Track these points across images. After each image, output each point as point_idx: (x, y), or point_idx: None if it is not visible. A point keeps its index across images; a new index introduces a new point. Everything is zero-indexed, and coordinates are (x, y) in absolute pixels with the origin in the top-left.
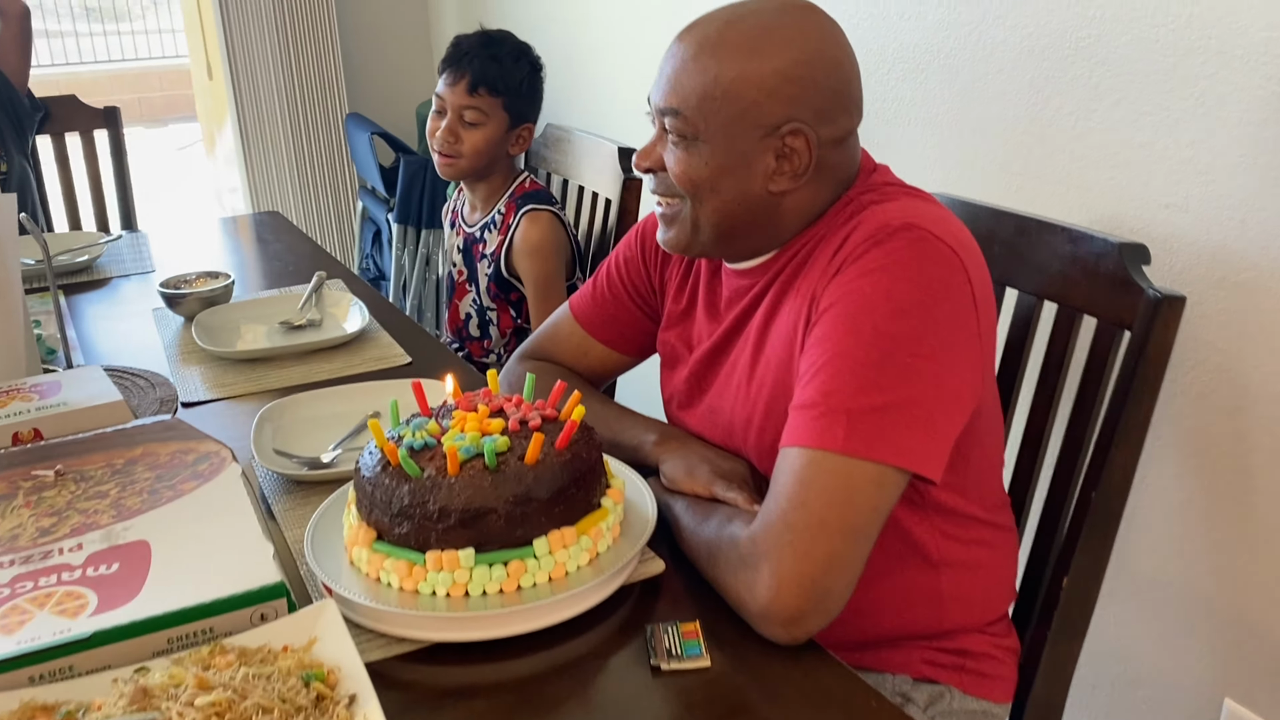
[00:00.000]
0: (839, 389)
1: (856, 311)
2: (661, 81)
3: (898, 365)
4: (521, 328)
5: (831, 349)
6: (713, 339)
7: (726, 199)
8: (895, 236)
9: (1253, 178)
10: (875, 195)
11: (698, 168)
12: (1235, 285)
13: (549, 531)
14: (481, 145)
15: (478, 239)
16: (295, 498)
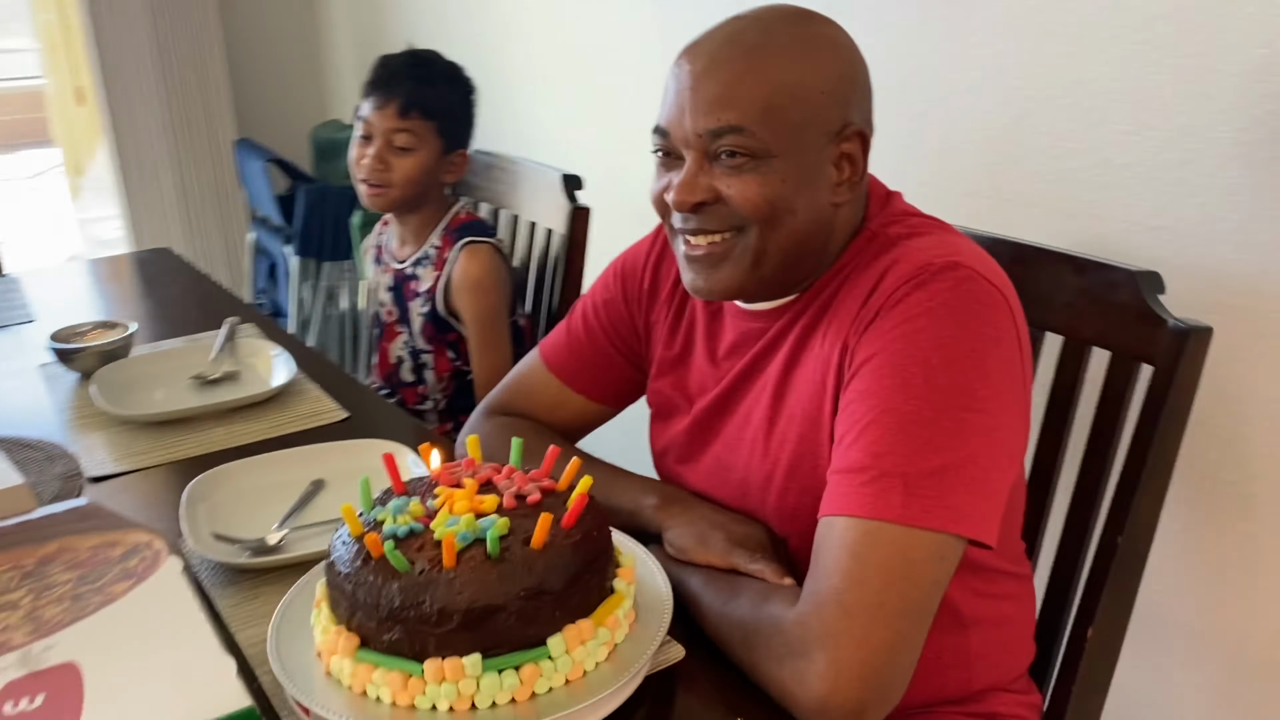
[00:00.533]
0: (890, 450)
1: (904, 362)
2: (698, 102)
3: (952, 421)
4: (460, 370)
5: (878, 405)
6: (720, 387)
7: (803, 219)
8: (939, 277)
9: (1246, 198)
10: (902, 228)
11: (774, 188)
12: (1231, 309)
13: (564, 627)
14: (414, 173)
15: (410, 276)
16: (241, 590)
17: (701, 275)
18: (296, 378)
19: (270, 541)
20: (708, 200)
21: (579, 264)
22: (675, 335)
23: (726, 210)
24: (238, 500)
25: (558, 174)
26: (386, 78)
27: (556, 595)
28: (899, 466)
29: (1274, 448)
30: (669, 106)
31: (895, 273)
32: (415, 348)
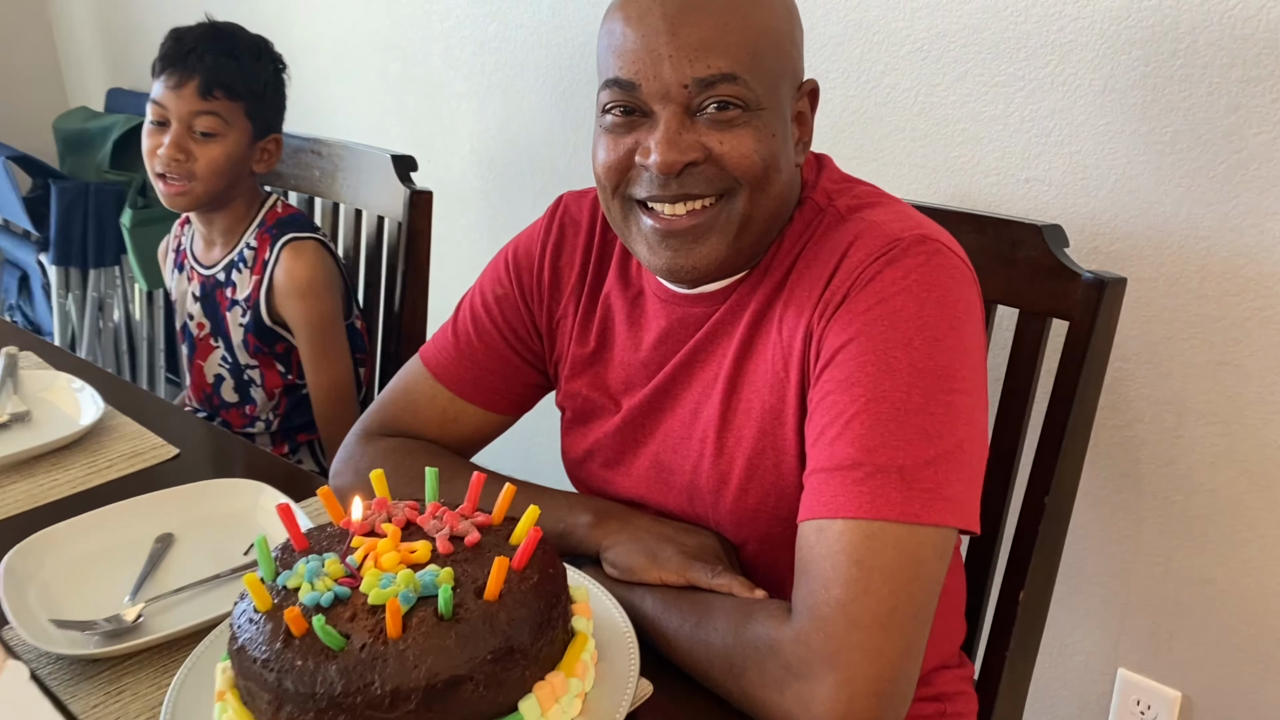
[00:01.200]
0: (883, 442)
1: (886, 346)
2: (681, 47)
3: (940, 406)
4: (294, 385)
5: (863, 393)
6: (656, 382)
7: (784, 181)
8: (910, 252)
9: (1120, 145)
10: (850, 199)
11: (767, 144)
12: (1107, 256)
13: (534, 685)
14: (221, 163)
15: (221, 282)
16: (100, 685)
17: (683, 251)
18: (106, 412)
19: (128, 619)
20: (697, 160)
21: (424, 255)
22: (588, 330)
23: (715, 171)
24: (70, 572)
25: (386, 155)
26: (182, 53)
27: (526, 651)
28: (894, 459)
29: (1154, 388)
30: (634, 54)
31: (860, 249)
32: (236, 363)
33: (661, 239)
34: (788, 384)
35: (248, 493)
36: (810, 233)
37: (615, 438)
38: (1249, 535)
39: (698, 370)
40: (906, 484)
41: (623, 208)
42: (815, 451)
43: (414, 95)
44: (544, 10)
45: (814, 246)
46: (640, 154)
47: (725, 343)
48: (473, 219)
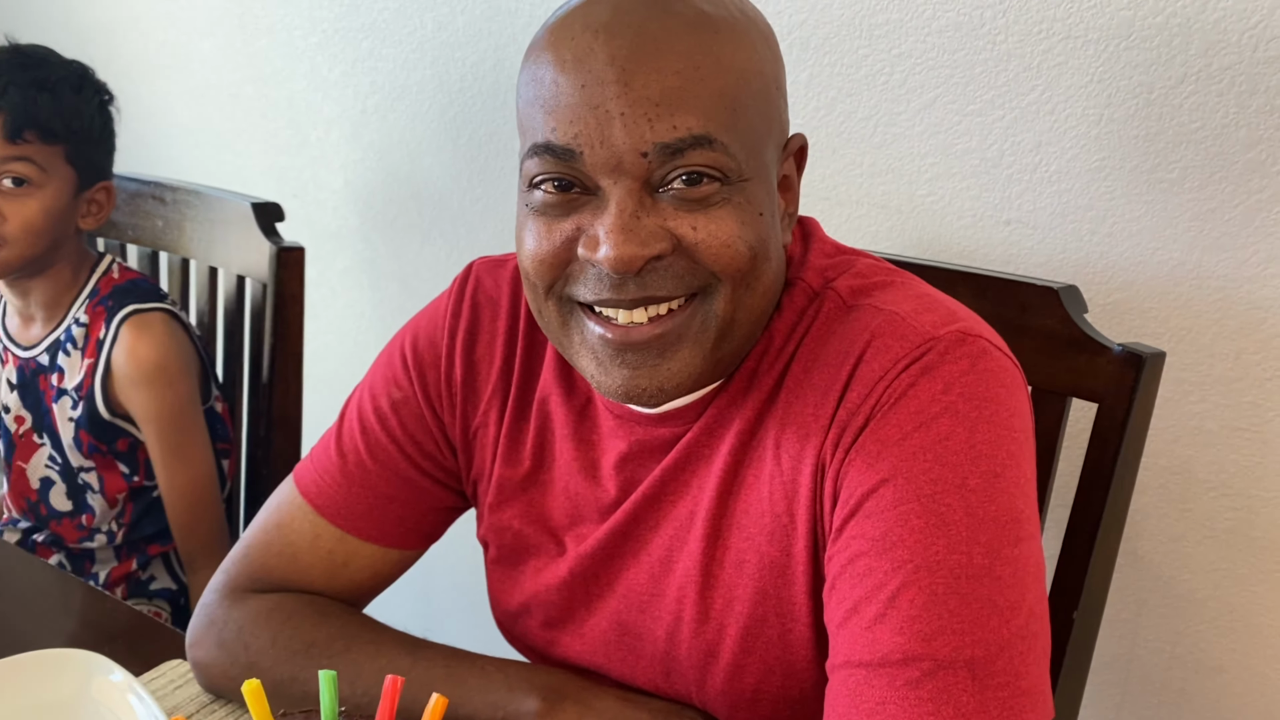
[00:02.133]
0: (944, 627)
1: (935, 490)
2: (637, 100)
3: (1009, 565)
4: (140, 488)
5: (910, 558)
6: (614, 521)
7: (775, 267)
8: (950, 356)
9: (1119, 183)
10: (853, 279)
11: (753, 226)
12: (1103, 310)
13: None
14: (38, 221)
15: (44, 367)
16: None
17: (644, 370)
18: None
19: None
20: (663, 252)
21: (296, 322)
22: (519, 445)
23: (686, 264)
24: None
25: (246, 203)
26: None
27: None
28: (961, 650)
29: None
30: (571, 111)
31: (882, 351)
32: (67, 465)
33: (616, 353)
34: (794, 532)
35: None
36: (805, 325)
37: (561, 590)
38: (1264, 620)
39: (667, 507)
40: (979, 683)
41: (560, 312)
42: (846, 634)
43: (275, 122)
44: (427, 25)
45: (814, 344)
46: (585, 245)
47: (703, 472)
48: (348, 262)
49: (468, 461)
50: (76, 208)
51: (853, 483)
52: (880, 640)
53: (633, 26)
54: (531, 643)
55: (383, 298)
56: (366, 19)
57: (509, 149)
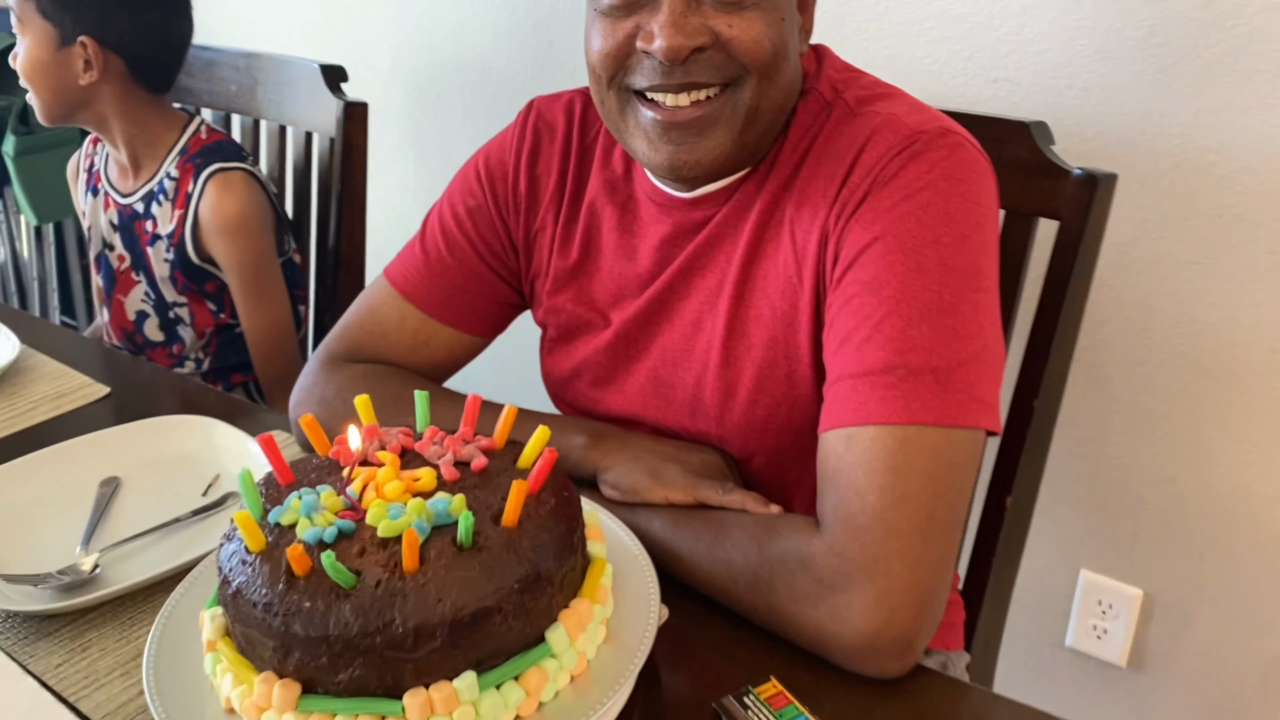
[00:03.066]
0: (916, 344)
1: (915, 244)
2: None
3: (970, 304)
4: (225, 324)
5: (893, 294)
6: (650, 292)
7: (792, 68)
8: (934, 146)
9: (1092, 42)
10: (859, 90)
11: (777, 28)
12: (1078, 156)
13: (560, 614)
14: (27, 70)
15: (140, 214)
16: (62, 642)
17: (685, 145)
18: (22, 351)
19: (84, 569)
20: (705, 44)
21: (360, 173)
22: (570, 241)
23: (722, 57)
24: (11, 522)
25: (314, 66)
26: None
27: (552, 578)
28: (929, 361)
29: (1126, 291)
30: None
31: (879, 143)
32: (162, 299)
33: (663, 132)
34: (801, 289)
35: (198, 430)
36: (818, 126)
37: (606, 354)
38: (1212, 433)
39: (697, 278)
40: (941, 386)
41: (619, 100)
42: (840, 357)
43: (325, 4)
44: None
45: (825, 141)
46: (642, 39)
47: (729, 247)
48: (395, 138)
49: (528, 261)
50: (67, 62)
51: (850, 243)
52: (866, 356)
53: None
54: (580, 403)
55: (428, 170)
56: None
57: (542, 30)
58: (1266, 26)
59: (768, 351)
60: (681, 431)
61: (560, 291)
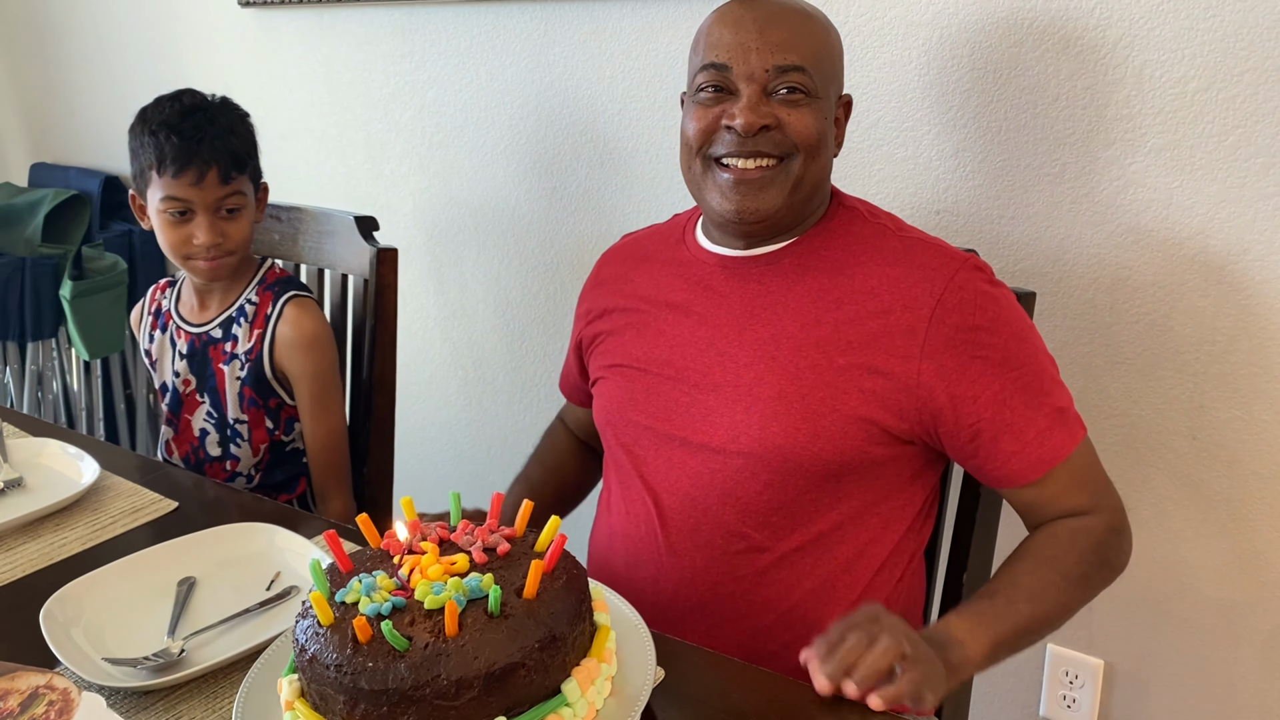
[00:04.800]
0: (1046, 400)
1: (1018, 333)
2: (767, 43)
3: (1048, 359)
4: (279, 441)
5: (1019, 371)
6: (716, 326)
7: (826, 158)
8: (974, 265)
9: (1016, 177)
10: (888, 220)
11: (820, 123)
12: (1014, 275)
13: (573, 670)
14: (249, 232)
15: (217, 339)
16: (155, 715)
17: (750, 196)
18: (101, 475)
19: (173, 652)
20: (770, 124)
21: (391, 308)
22: (614, 310)
23: (780, 137)
24: (108, 616)
25: (349, 217)
26: (190, 148)
27: (565, 639)
28: (1056, 404)
29: None
30: (729, 46)
31: (945, 264)
32: (223, 418)
33: (734, 186)
34: (832, 341)
35: (261, 535)
36: (855, 229)
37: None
38: (1150, 513)
39: (749, 333)
40: (1066, 417)
41: (703, 165)
42: (1007, 423)
43: (354, 158)
44: (481, 75)
45: (867, 245)
46: (726, 118)
47: (770, 293)
48: (416, 273)
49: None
50: (255, 213)
51: (960, 351)
52: (1029, 419)
53: (767, 5)
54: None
55: (445, 300)
56: (432, 72)
57: (547, 176)
58: (1156, 164)
59: (795, 364)
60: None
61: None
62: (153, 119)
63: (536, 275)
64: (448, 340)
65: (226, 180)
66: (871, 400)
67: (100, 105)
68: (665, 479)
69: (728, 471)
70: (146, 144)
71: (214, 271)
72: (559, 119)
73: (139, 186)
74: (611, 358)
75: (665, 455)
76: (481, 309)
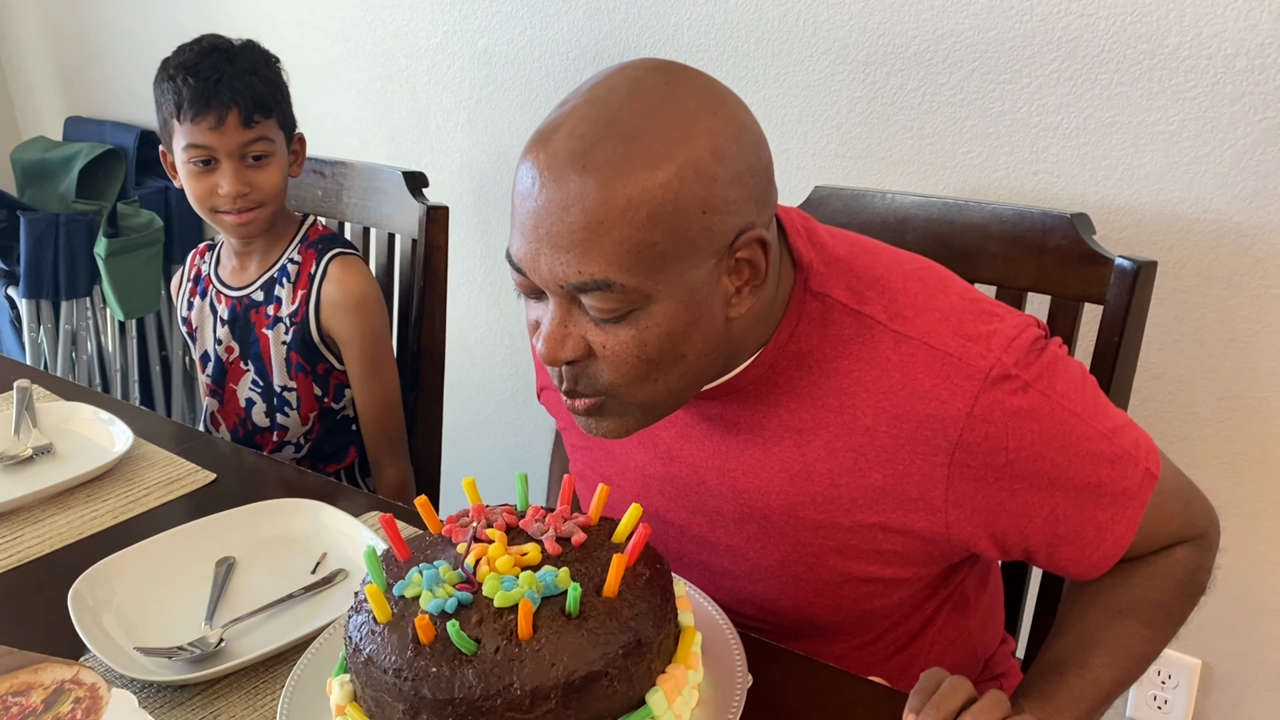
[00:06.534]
0: (1104, 491)
1: (1063, 437)
2: (553, 242)
3: (1114, 422)
4: (329, 409)
5: (1068, 482)
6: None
7: (695, 352)
8: (999, 374)
9: (1127, 136)
10: (880, 300)
11: (657, 339)
12: (1118, 243)
13: (658, 678)
14: (280, 180)
15: (259, 302)
16: (193, 710)
17: (591, 423)
18: (135, 442)
19: (211, 642)
20: (579, 357)
21: (441, 271)
22: None
23: (597, 368)
24: (142, 598)
25: (398, 173)
26: (208, 90)
27: (651, 644)
28: (1116, 488)
29: (1166, 367)
30: (519, 233)
31: (960, 388)
32: (269, 386)
33: (573, 414)
34: (837, 473)
35: (306, 512)
36: (836, 328)
37: None
38: (1260, 506)
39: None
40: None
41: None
42: (1067, 538)
43: (399, 113)
44: (535, 24)
45: (863, 357)
46: (536, 337)
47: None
48: (463, 234)
49: None
50: (288, 163)
51: (994, 516)
52: (1094, 516)
53: (557, 167)
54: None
55: (492, 263)
56: (483, 20)
57: None
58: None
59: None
60: None
61: None
62: (171, 64)
63: None
64: (494, 306)
65: (249, 123)
66: (893, 560)
67: (136, 56)
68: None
69: (748, 615)
70: (166, 91)
71: (245, 227)
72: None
73: (165, 139)
74: (577, 462)
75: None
76: None
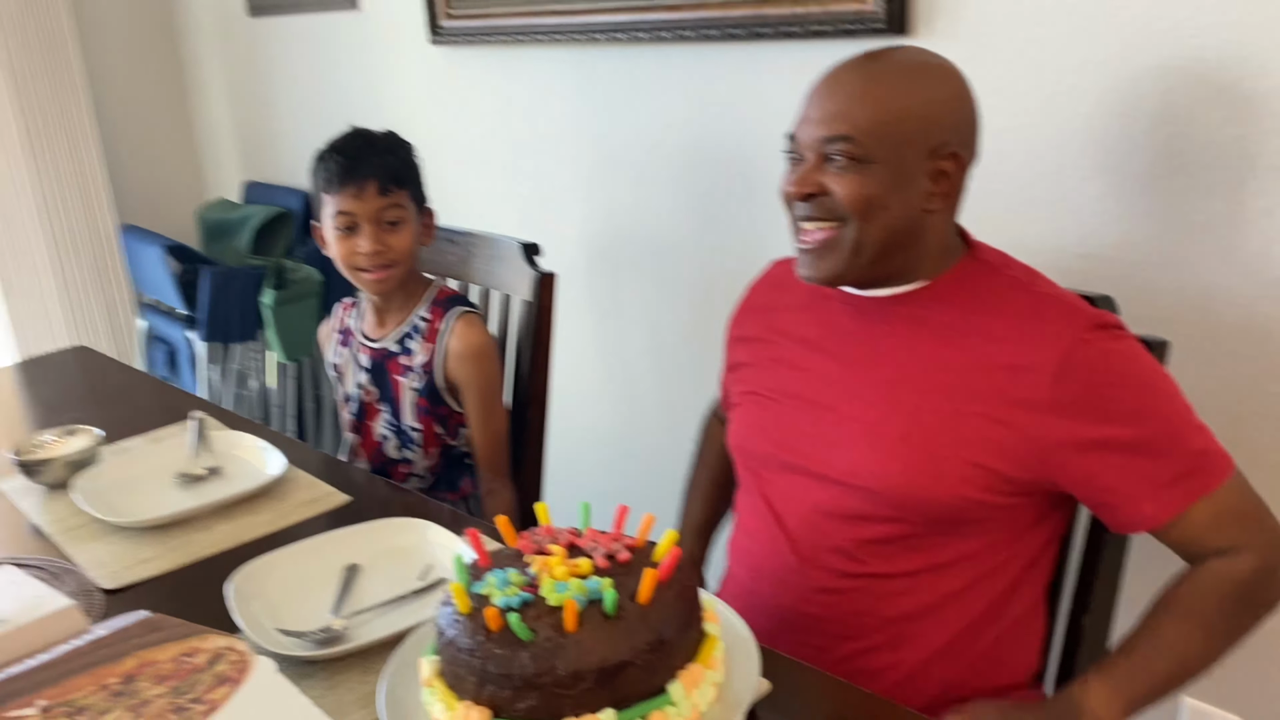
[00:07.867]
0: (1179, 446)
1: (1148, 384)
2: (822, 115)
3: (1182, 406)
4: (450, 447)
5: (1149, 423)
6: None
7: (895, 215)
8: (1101, 321)
9: (1166, 224)
10: (1020, 271)
11: (870, 188)
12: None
13: (679, 673)
14: (410, 244)
15: (394, 353)
16: (319, 682)
17: (810, 265)
18: (288, 469)
19: (336, 629)
20: (815, 192)
21: (547, 329)
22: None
23: (830, 202)
24: (284, 592)
25: (515, 243)
26: (351, 165)
27: (673, 644)
28: (1190, 448)
29: None
30: (799, 117)
31: (1072, 322)
32: (400, 425)
33: (800, 254)
34: (967, 389)
35: (417, 530)
36: (988, 279)
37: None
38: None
39: (879, 352)
40: (1210, 457)
41: (793, 223)
42: (1141, 477)
43: (524, 186)
44: (647, 111)
45: (1004, 299)
46: (788, 185)
47: (899, 333)
48: (576, 294)
49: None
50: (420, 231)
51: (1082, 434)
52: (1169, 465)
53: (834, 76)
54: (760, 454)
55: (600, 320)
56: (600, 106)
57: (701, 209)
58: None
59: (917, 405)
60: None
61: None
62: (324, 148)
63: (687, 301)
64: (601, 359)
65: (384, 192)
66: (994, 449)
67: (304, 129)
68: (788, 503)
69: (848, 503)
70: (318, 169)
71: (380, 284)
72: (716, 153)
73: (317, 212)
74: (746, 385)
75: (788, 481)
76: (634, 331)
